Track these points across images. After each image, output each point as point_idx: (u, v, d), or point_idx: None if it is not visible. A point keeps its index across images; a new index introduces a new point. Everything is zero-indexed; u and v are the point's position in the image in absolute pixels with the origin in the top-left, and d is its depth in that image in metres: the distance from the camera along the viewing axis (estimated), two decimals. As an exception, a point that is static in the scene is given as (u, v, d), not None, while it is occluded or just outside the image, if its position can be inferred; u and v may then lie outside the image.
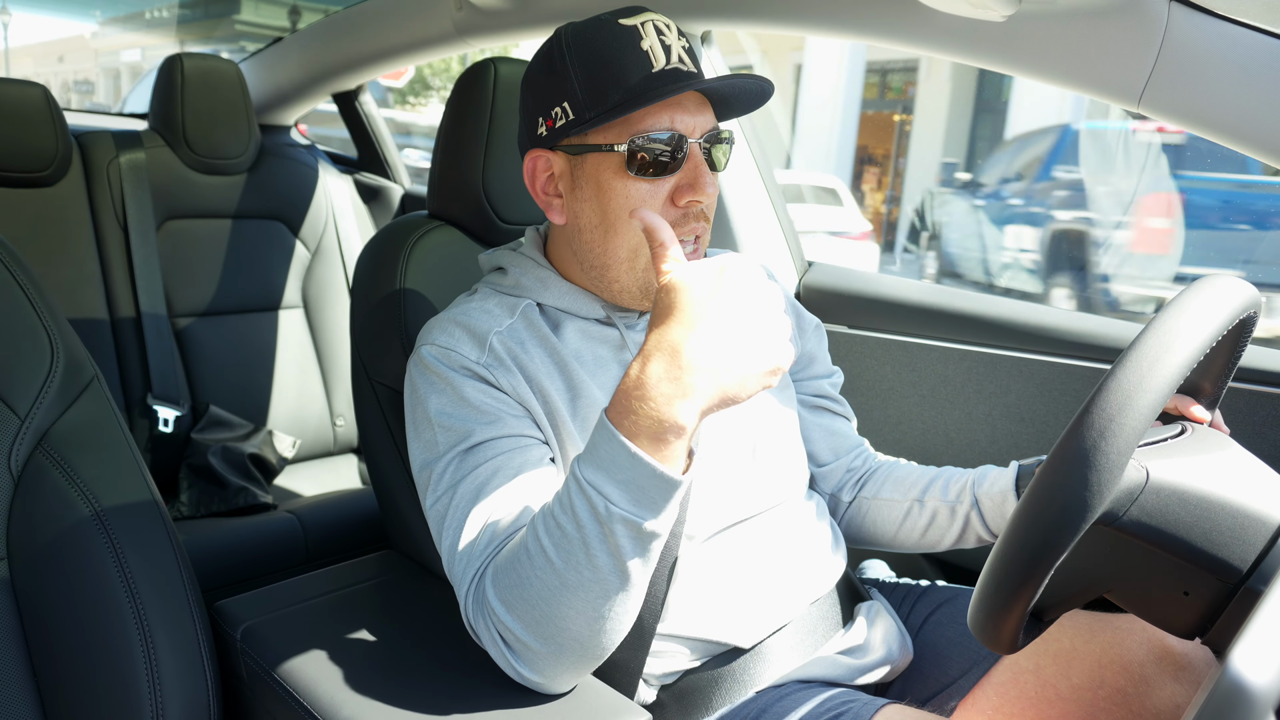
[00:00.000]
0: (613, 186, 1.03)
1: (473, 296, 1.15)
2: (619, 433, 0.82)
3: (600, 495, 0.82)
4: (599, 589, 0.85)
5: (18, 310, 1.06)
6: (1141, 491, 0.77)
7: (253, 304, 2.38)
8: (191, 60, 2.27)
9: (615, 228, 1.04)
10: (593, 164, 1.03)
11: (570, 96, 1.02)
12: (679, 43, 1.03)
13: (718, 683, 1.09)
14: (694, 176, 1.03)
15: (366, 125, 2.89)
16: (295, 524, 1.95)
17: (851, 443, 1.37)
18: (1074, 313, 1.67)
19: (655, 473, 0.81)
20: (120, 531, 1.03)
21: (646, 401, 0.80)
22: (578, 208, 1.07)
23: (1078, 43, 1.22)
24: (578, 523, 0.84)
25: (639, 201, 1.02)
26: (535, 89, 1.07)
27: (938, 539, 1.26)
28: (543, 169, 1.08)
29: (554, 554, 0.85)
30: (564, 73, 1.02)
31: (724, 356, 0.80)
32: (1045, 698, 1.12)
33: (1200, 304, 0.78)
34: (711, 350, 0.80)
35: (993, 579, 0.77)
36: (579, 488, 0.84)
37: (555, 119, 1.04)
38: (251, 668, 1.06)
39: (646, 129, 1.00)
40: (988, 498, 1.20)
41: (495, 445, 1.00)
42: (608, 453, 0.82)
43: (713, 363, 0.80)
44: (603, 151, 1.02)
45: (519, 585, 0.87)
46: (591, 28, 1.03)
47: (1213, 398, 0.99)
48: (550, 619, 0.86)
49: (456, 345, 1.05)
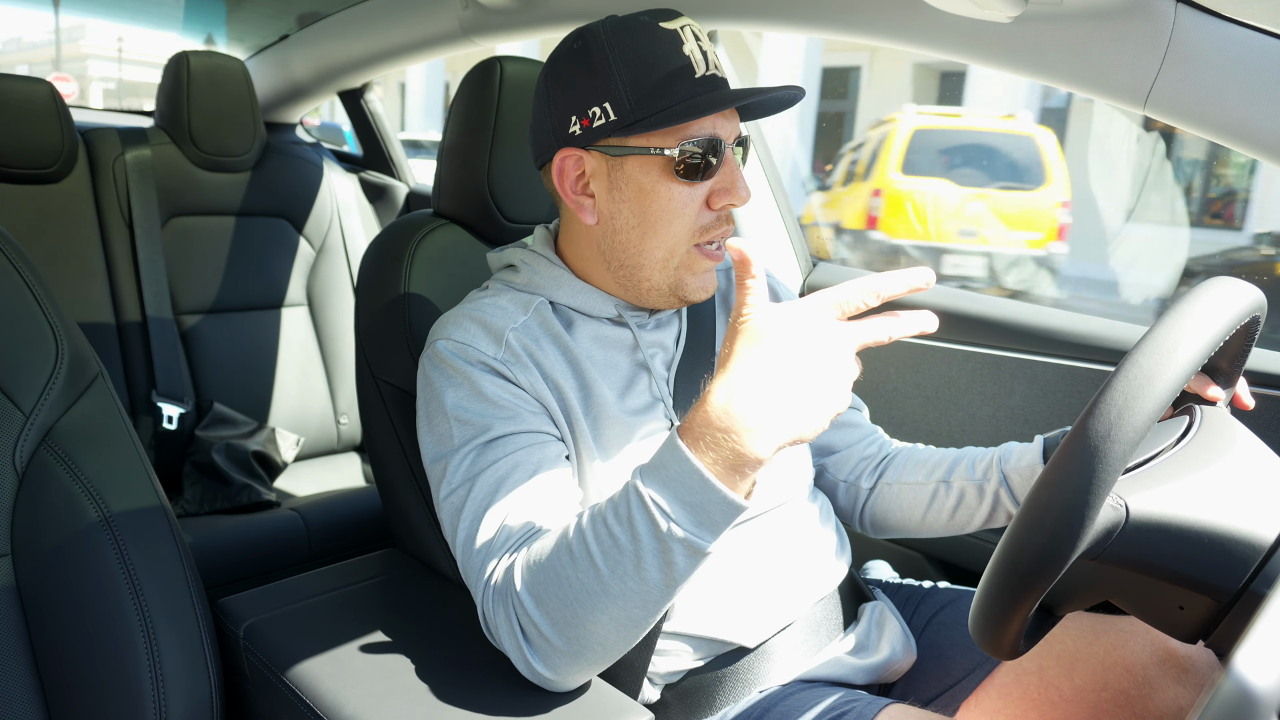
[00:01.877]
0: (656, 189, 1.03)
1: (485, 292, 1.14)
2: (693, 456, 0.81)
3: (664, 514, 0.81)
4: (640, 600, 0.85)
5: (23, 306, 1.06)
6: (1121, 529, 0.76)
7: (257, 302, 2.38)
8: (198, 58, 2.27)
9: (655, 229, 1.05)
10: (634, 166, 1.03)
11: (612, 97, 1.01)
12: (710, 47, 1.05)
13: (722, 682, 1.09)
14: (730, 180, 1.04)
15: (372, 123, 2.89)
16: (299, 522, 1.95)
17: (864, 430, 1.36)
18: (1078, 315, 1.67)
19: (725, 499, 0.81)
20: (124, 528, 1.03)
21: (731, 434, 0.79)
22: (614, 209, 1.06)
23: (1084, 44, 1.22)
24: (634, 535, 0.83)
25: (681, 204, 1.03)
26: (569, 86, 1.05)
27: (967, 519, 1.24)
28: (573, 168, 1.07)
29: (601, 561, 0.84)
30: (605, 72, 1.01)
31: (807, 398, 0.79)
32: (1048, 700, 1.11)
33: (1197, 315, 0.76)
34: (798, 391, 0.79)
35: (988, 596, 0.77)
36: (640, 502, 0.82)
37: (593, 119, 1.03)
38: (254, 665, 1.06)
39: (693, 134, 1.01)
40: (1016, 473, 1.18)
41: (514, 440, 1.00)
42: (679, 474, 0.81)
43: (797, 403, 0.79)
44: (648, 155, 1.02)
45: (555, 584, 0.87)
46: (633, 29, 1.02)
47: (1230, 375, 0.99)
48: (581, 621, 0.86)
49: (473, 340, 1.05)
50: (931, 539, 1.78)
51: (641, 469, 0.85)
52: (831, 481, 1.35)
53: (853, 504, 1.34)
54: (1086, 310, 1.72)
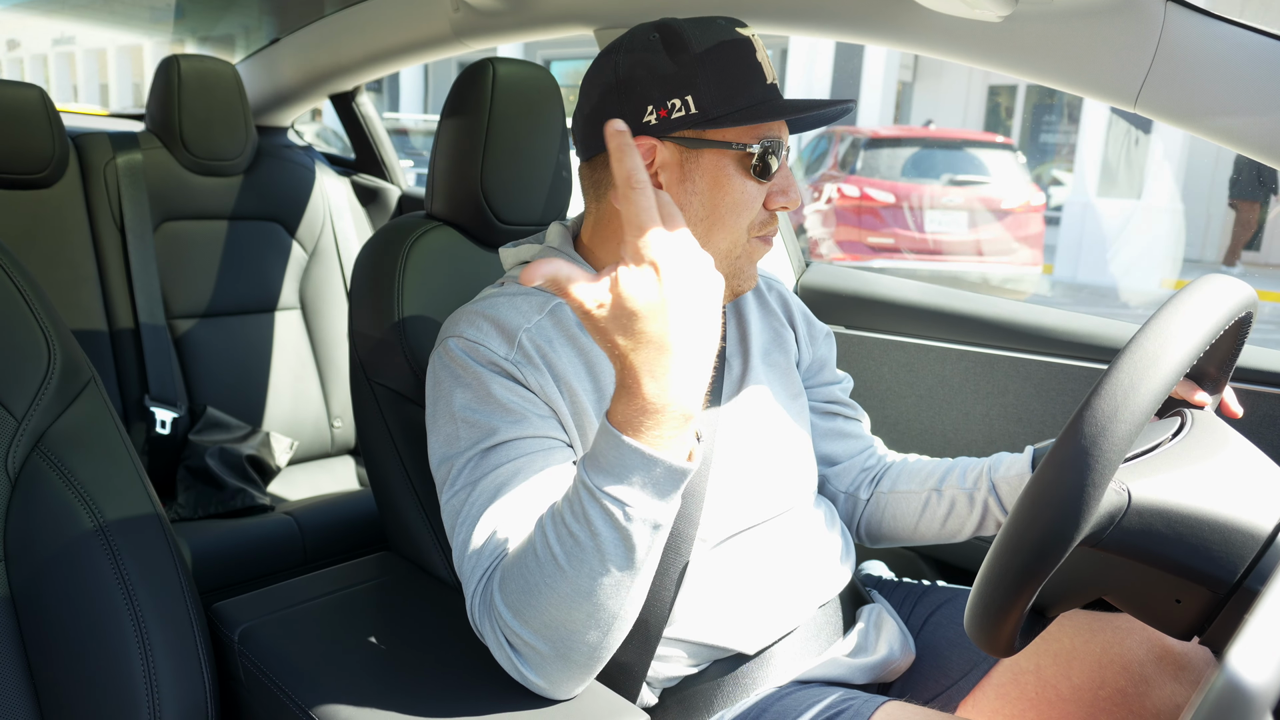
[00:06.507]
0: (730, 183, 1.05)
1: (501, 290, 1.12)
2: (627, 437, 0.80)
3: (618, 503, 0.81)
4: (612, 590, 0.85)
5: (14, 312, 1.06)
6: (1123, 514, 0.77)
7: (250, 306, 2.37)
8: (188, 62, 2.26)
9: (723, 222, 1.06)
10: (710, 159, 1.04)
11: (695, 91, 1.02)
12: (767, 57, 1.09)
13: (720, 688, 1.08)
14: (788, 183, 1.09)
15: (364, 126, 2.88)
16: (293, 525, 1.94)
17: (865, 442, 1.37)
18: (1071, 313, 1.67)
19: (670, 468, 0.81)
20: (117, 534, 1.03)
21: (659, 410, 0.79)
22: (685, 199, 1.06)
23: (1074, 43, 1.22)
24: (592, 531, 0.82)
25: (750, 200, 1.06)
26: (646, 77, 1.04)
27: (958, 528, 1.26)
28: (645, 157, 1.06)
29: (565, 562, 0.84)
30: (688, 65, 1.03)
31: (694, 333, 0.79)
32: (1046, 698, 1.12)
33: (1186, 313, 0.77)
34: (686, 333, 0.79)
35: (985, 590, 0.77)
36: (590, 495, 0.82)
37: (671, 110, 1.03)
38: (249, 670, 1.06)
39: (765, 134, 1.04)
40: (1005, 482, 1.20)
41: (519, 445, 0.99)
42: (618, 457, 0.81)
43: (690, 342, 0.79)
44: (727, 149, 1.04)
45: (528, 592, 0.86)
46: (711, 27, 1.05)
47: (1218, 381, 0.99)
48: (561, 623, 0.86)
49: (485, 339, 1.03)
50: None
51: (585, 463, 0.84)
52: (832, 493, 1.35)
53: (850, 515, 1.35)
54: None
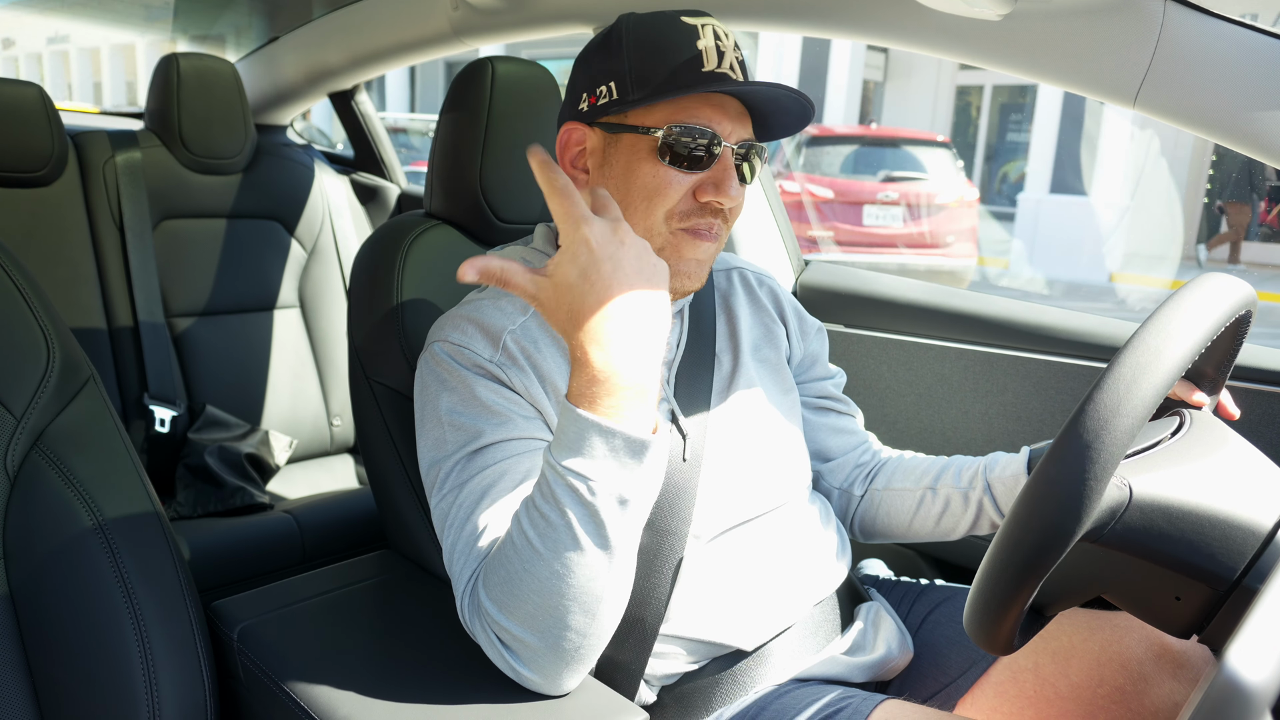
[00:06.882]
0: (641, 168, 1.04)
1: (485, 293, 1.13)
2: (584, 411, 0.83)
3: (579, 476, 0.83)
4: (590, 571, 0.86)
5: (13, 310, 1.06)
6: (1125, 509, 0.77)
7: (249, 304, 2.37)
8: (187, 60, 2.26)
9: (634, 207, 1.05)
10: (627, 144, 1.05)
11: (617, 76, 1.04)
12: (735, 53, 1.06)
13: (719, 685, 1.08)
14: (720, 177, 1.04)
15: (363, 125, 2.88)
16: (292, 524, 1.94)
17: (859, 438, 1.37)
18: (1070, 311, 1.67)
19: (629, 439, 0.83)
20: (116, 532, 1.03)
21: (609, 379, 0.83)
22: (603, 183, 1.07)
23: (1073, 42, 1.22)
24: (561, 509, 0.84)
25: (664, 188, 1.03)
26: (587, 66, 1.09)
27: (951, 527, 1.25)
28: (575, 142, 1.10)
29: (541, 545, 0.85)
30: (617, 53, 1.04)
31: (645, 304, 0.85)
32: (1044, 696, 1.12)
33: (1187, 311, 0.77)
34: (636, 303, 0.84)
35: (985, 586, 0.77)
36: (555, 474, 0.84)
37: (599, 96, 1.06)
38: (248, 668, 1.06)
39: (686, 119, 1.02)
40: (1000, 482, 1.20)
41: (504, 447, 0.99)
42: (577, 433, 0.84)
43: (643, 312, 0.84)
44: (639, 133, 1.03)
45: (509, 582, 0.87)
46: (655, 18, 1.06)
47: (1215, 382, 0.99)
48: (546, 612, 0.86)
49: (469, 342, 1.04)
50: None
51: (550, 443, 0.87)
52: (826, 489, 1.35)
53: (844, 511, 1.35)
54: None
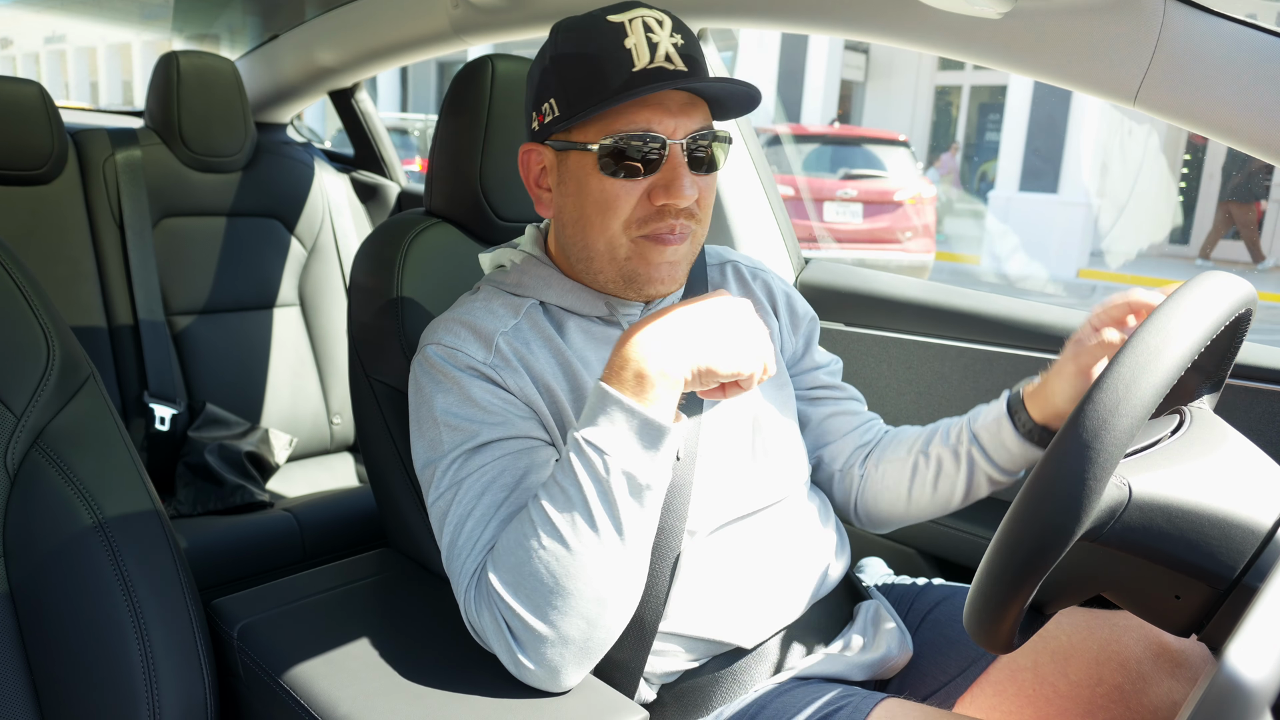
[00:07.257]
0: (590, 184, 1.03)
1: (476, 296, 1.14)
2: (610, 388, 0.90)
3: (595, 449, 0.88)
4: (600, 555, 0.88)
5: (14, 308, 1.06)
6: (1124, 508, 0.77)
7: (249, 302, 2.37)
8: (187, 58, 2.26)
9: (591, 223, 1.05)
10: (575, 160, 1.04)
11: (556, 92, 1.03)
12: (670, 40, 1.01)
13: (719, 683, 1.08)
14: (670, 179, 1.01)
15: (363, 123, 2.88)
16: (292, 522, 1.94)
17: (859, 419, 1.33)
18: (1070, 310, 1.67)
19: (647, 420, 0.88)
20: (116, 530, 1.03)
21: (638, 359, 0.90)
22: (562, 202, 1.08)
23: (1074, 40, 1.22)
24: (578, 483, 0.88)
25: (614, 200, 1.02)
26: (532, 83, 1.09)
27: (949, 491, 1.21)
28: (535, 162, 1.10)
29: (557, 518, 0.88)
30: (551, 68, 1.04)
31: (706, 329, 0.92)
32: (1043, 695, 1.12)
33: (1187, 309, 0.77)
34: (694, 322, 0.93)
35: (985, 584, 0.77)
36: (576, 445, 0.89)
37: (545, 114, 1.05)
38: (248, 666, 1.06)
39: (621, 129, 1.00)
40: (984, 430, 1.16)
41: (501, 446, 1.00)
42: (599, 405, 0.90)
43: (695, 331, 0.92)
44: (582, 150, 1.03)
45: (523, 562, 0.89)
46: (582, 24, 1.03)
47: (1217, 378, 0.99)
48: (555, 592, 0.88)
49: (462, 345, 1.05)
50: (925, 533, 1.78)
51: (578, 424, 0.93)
52: (828, 474, 1.33)
53: (847, 494, 1.32)
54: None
